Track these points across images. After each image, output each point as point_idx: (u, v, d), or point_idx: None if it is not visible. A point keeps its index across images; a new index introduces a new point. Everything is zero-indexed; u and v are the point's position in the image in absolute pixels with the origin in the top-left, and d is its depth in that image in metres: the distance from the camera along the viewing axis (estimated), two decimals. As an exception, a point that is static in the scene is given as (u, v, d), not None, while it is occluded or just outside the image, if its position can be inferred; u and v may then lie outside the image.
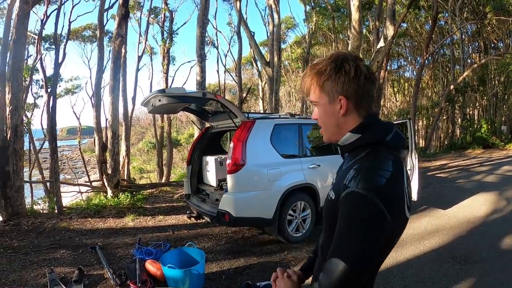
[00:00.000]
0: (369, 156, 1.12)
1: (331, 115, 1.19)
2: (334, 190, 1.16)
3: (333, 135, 1.23)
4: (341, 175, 1.17)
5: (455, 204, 6.91)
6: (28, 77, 13.92)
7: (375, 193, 0.99)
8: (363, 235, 0.99)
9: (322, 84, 1.16)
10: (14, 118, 6.77)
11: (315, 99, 1.20)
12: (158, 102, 4.30)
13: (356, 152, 1.17)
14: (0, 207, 6.71)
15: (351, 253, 0.99)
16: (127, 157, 15.42)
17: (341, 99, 1.14)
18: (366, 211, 0.99)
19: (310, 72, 1.19)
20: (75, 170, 27.26)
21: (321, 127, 1.25)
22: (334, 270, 1.00)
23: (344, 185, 1.06)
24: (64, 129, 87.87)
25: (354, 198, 1.01)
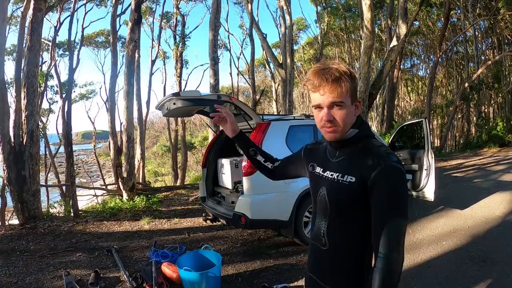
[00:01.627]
0: (372, 145, 1.38)
1: (352, 114, 1.37)
2: (347, 175, 1.36)
3: (344, 132, 1.38)
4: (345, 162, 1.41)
5: (472, 204, 6.80)
6: (43, 83, 14.10)
7: (400, 164, 1.29)
8: (406, 193, 1.29)
9: (352, 88, 1.34)
10: (30, 123, 6.87)
11: (343, 100, 1.32)
12: (173, 105, 4.31)
13: (352, 146, 1.41)
14: (17, 211, 6.82)
15: (405, 212, 1.25)
16: (142, 160, 15.54)
17: (360, 101, 1.41)
18: (404, 178, 1.28)
19: (340, 75, 1.31)
20: (90, 173, 27.60)
21: (339, 125, 1.35)
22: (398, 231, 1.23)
23: (372, 165, 1.28)
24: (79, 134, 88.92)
25: (392, 170, 1.26)
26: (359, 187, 1.30)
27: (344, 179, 1.36)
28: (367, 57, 12.35)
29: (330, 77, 1.30)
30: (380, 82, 13.70)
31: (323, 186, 1.47)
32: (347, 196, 1.35)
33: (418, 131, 6.55)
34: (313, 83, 1.33)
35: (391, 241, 1.21)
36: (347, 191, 1.34)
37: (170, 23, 22.89)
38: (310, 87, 1.36)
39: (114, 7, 12.73)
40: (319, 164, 1.56)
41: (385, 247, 1.21)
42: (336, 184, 1.39)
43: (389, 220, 1.22)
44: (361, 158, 1.34)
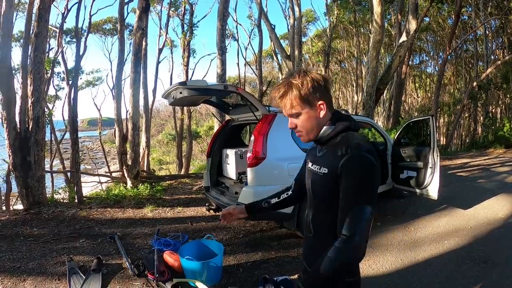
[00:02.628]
0: (347, 137, 1.47)
1: (314, 118, 1.50)
2: (324, 166, 1.49)
3: (313, 134, 1.53)
4: (325, 155, 1.53)
5: (475, 204, 6.76)
6: (49, 69, 14.13)
7: (368, 153, 1.36)
8: (371, 181, 1.35)
9: (304, 97, 1.46)
10: (36, 109, 6.90)
11: (298, 111, 1.49)
12: (179, 94, 4.30)
13: (331, 141, 1.52)
14: (22, 196, 6.88)
15: (369, 198, 1.33)
16: (147, 148, 15.57)
17: (321, 104, 1.49)
18: (369, 165, 1.34)
19: (286, 91, 1.48)
20: (95, 160, 27.68)
21: (302, 131, 1.54)
22: (360, 215, 1.30)
23: (340, 155, 1.39)
24: (85, 120, 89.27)
25: (357, 158, 1.35)
26: (331, 177, 1.42)
27: (320, 170, 1.51)
28: (376, 51, 12.30)
29: (278, 95, 1.49)
30: (388, 77, 13.65)
31: (309, 178, 1.63)
32: (322, 186, 1.51)
33: (424, 128, 6.49)
34: (273, 102, 1.55)
35: (353, 224, 1.30)
36: (322, 181, 1.50)
37: (178, 11, 22.76)
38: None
39: (123, -6, 12.69)
40: (311, 159, 1.67)
41: (347, 230, 1.31)
42: (315, 175, 1.55)
43: (353, 205, 1.32)
44: (334, 151, 1.45)
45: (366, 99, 12.59)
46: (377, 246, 4.81)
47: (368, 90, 12.58)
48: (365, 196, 1.33)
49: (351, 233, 1.29)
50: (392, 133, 11.87)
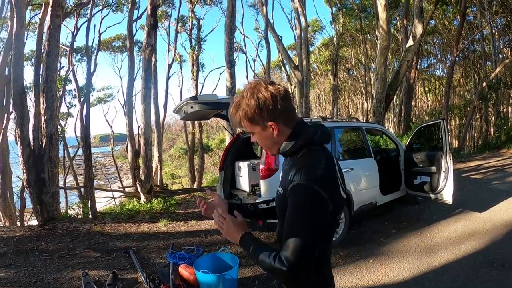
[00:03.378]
0: (305, 155, 1.41)
1: (268, 138, 1.46)
2: (281, 186, 1.47)
3: (274, 149, 1.51)
4: (285, 173, 1.47)
5: (491, 207, 6.68)
6: (61, 87, 14.38)
7: (315, 183, 1.26)
8: (311, 216, 1.26)
9: (251, 118, 1.41)
10: (49, 127, 7.00)
11: (250, 130, 1.47)
12: (191, 109, 4.35)
13: (296, 153, 1.45)
14: (36, 212, 6.95)
15: (302, 232, 1.24)
16: (159, 163, 15.69)
17: (271, 125, 1.41)
18: (310, 198, 1.25)
19: (236, 112, 1.44)
20: (108, 176, 27.88)
21: (263, 147, 1.54)
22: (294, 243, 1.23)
23: (289, 180, 1.33)
24: (96, 137, 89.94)
25: (300, 189, 1.28)
26: (284, 197, 1.36)
27: (279, 189, 1.50)
28: (384, 57, 12.28)
29: (230, 114, 1.48)
30: (397, 83, 13.61)
31: None
32: (281, 204, 1.46)
33: (436, 132, 6.46)
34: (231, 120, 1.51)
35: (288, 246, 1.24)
36: (280, 200, 1.47)
37: (185, 26, 23.06)
38: None
39: (130, 12, 12.91)
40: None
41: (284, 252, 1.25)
42: (278, 192, 1.53)
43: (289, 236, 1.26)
44: (290, 170, 1.41)
45: (376, 105, 12.54)
46: (393, 253, 4.78)
47: (377, 96, 12.54)
48: (301, 232, 1.25)
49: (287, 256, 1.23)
50: (403, 139, 11.81)
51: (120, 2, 18.40)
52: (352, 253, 4.86)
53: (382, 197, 6.21)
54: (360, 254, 4.79)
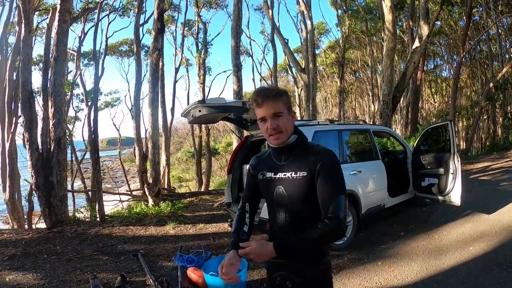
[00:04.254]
0: (311, 145, 1.81)
1: (290, 122, 1.75)
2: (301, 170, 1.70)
3: (287, 136, 1.73)
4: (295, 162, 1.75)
5: (500, 209, 6.61)
6: (69, 91, 14.50)
7: (336, 158, 1.72)
8: (342, 177, 1.68)
9: (286, 101, 1.73)
10: (57, 131, 7.06)
11: (281, 110, 1.69)
12: (198, 112, 4.37)
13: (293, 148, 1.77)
14: (44, 215, 7.01)
15: (344, 189, 1.65)
16: (167, 166, 15.75)
17: (293, 112, 1.80)
18: (339, 166, 1.69)
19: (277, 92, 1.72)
20: (115, 179, 28.06)
21: (282, 131, 1.71)
22: (341, 201, 1.60)
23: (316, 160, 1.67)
24: (104, 140, 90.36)
25: (332, 161, 1.68)
26: (310, 178, 1.67)
27: (298, 175, 1.71)
28: (390, 59, 12.25)
29: (271, 94, 1.69)
30: (403, 85, 13.56)
31: (279, 186, 1.78)
32: (302, 187, 1.70)
33: (443, 134, 6.44)
34: (257, 101, 1.70)
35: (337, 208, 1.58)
36: (302, 183, 1.70)
37: (192, 30, 23.18)
38: (255, 104, 1.72)
39: (137, 17, 13.03)
40: (268, 170, 1.86)
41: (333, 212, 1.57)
42: (292, 180, 1.73)
43: (334, 194, 1.61)
44: (307, 157, 1.71)
45: (383, 108, 12.50)
46: (401, 255, 4.76)
47: (384, 98, 12.50)
48: (341, 187, 1.65)
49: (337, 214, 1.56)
50: (411, 141, 11.75)
51: (126, 7, 18.54)
52: (361, 256, 4.84)
53: (390, 200, 6.19)
54: (368, 257, 4.78)
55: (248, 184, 2.06)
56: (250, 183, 2.03)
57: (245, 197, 2.05)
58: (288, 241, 1.64)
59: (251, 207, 2.02)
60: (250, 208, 2.02)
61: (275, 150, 1.83)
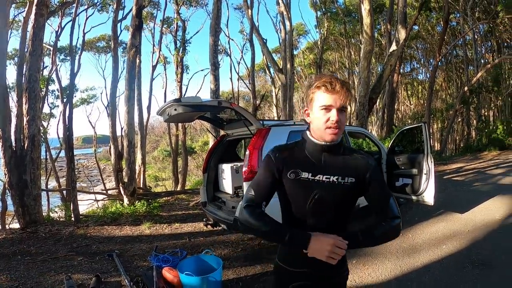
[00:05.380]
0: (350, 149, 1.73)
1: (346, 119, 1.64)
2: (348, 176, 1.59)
3: (341, 136, 1.62)
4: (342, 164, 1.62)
5: (472, 208, 6.81)
6: (44, 87, 14.17)
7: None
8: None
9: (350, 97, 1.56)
10: (31, 128, 6.92)
11: (347, 106, 1.56)
12: (174, 111, 4.34)
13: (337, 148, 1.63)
14: (18, 215, 6.86)
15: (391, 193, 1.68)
16: (143, 165, 15.56)
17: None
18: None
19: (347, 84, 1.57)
20: (90, 178, 27.65)
21: (340, 128, 1.55)
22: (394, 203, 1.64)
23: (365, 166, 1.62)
24: (79, 138, 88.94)
25: (378, 168, 1.67)
26: (358, 184, 1.61)
27: (345, 180, 1.59)
28: (367, 61, 12.42)
29: (346, 86, 1.53)
30: (380, 87, 13.76)
31: (317, 189, 1.58)
32: (348, 193, 1.62)
33: (418, 135, 6.56)
34: (332, 86, 1.50)
35: (395, 208, 1.63)
36: (348, 189, 1.60)
37: (171, 28, 23.00)
38: (326, 88, 1.51)
39: (115, 12, 12.85)
40: (304, 169, 1.60)
41: (394, 212, 1.61)
42: (337, 186, 1.58)
43: (389, 197, 1.63)
44: (352, 162, 1.63)
45: (359, 109, 12.66)
46: (375, 254, 4.83)
47: (360, 100, 12.67)
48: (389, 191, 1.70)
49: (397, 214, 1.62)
50: (386, 142, 11.94)
51: (105, 2, 18.26)
52: (335, 255, 4.88)
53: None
54: (343, 256, 4.82)
55: (265, 178, 1.66)
56: (270, 179, 1.64)
57: (261, 194, 1.65)
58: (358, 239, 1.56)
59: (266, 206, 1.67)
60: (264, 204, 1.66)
61: (318, 147, 1.60)
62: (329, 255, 1.43)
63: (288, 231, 1.52)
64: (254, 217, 1.57)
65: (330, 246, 1.43)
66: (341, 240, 1.46)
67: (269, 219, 1.56)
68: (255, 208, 1.62)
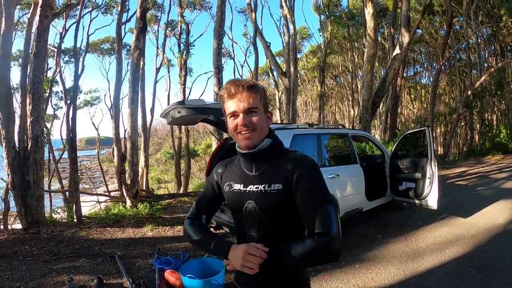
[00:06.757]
0: (286, 151, 1.55)
1: (265, 121, 1.49)
2: (275, 183, 1.45)
3: (259, 138, 1.48)
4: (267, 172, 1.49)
5: (475, 212, 6.79)
6: (48, 89, 14.21)
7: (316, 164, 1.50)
8: (325, 185, 1.43)
9: (263, 98, 1.49)
10: (35, 129, 6.93)
11: (257, 106, 1.45)
12: (178, 113, 4.34)
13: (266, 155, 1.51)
14: (20, 216, 6.87)
15: (329, 198, 1.40)
16: (146, 167, 15.58)
17: (269, 114, 1.55)
18: (320, 172, 1.46)
19: (254, 84, 1.48)
20: (93, 179, 27.64)
21: (256, 129, 1.46)
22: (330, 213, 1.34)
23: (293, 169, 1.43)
24: (82, 140, 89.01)
25: (312, 167, 1.45)
26: (286, 191, 1.42)
27: (272, 188, 1.45)
28: (370, 65, 12.41)
29: (246, 85, 1.44)
30: (383, 90, 13.76)
31: (250, 200, 1.50)
32: (277, 202, 1.45)
33: (421, 139, 6.55)
34: (229, 91, 1.44)
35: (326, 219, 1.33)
36: (276, 198, 1.44)
37: (174, 31, 23.02)
38: (226, 95, 1.45)
39: (120, 15, 12.88)
40: (237, 181, 1.57)
41: (322, 226, 1.32)
42: (265, 194, 1.46)
43: (319, 205, 1.35)
44: (281, 166, 1.47)
45: (363, 113, 12.65)
46: (378, 258, 4.82)
47: (364, 104, 12.66)
48: (327, 195, 1.41)
49: (328, 228, 1.30)
50: (389, 146, 11.92)
51: (109, 5, 18.35)
52: (338, 259, 4.87)
53: (368, 203, 6.26)
54: (345, 260, 4.80)
55: (207, 193, 1.75)
56: (211, 193, 1.71)
57: (201, 208, 1.73)
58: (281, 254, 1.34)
59: (207, 219, 1.72)
60: (206, 220, 1.71)
61: (245, 157, 1.54)
62: (242, 263, 1.32)
63: (213, 240, 1.54)
64: (189, 228, 1.66)
65: (242, 253, 1.34)
66: (258, 247, 1.34)
67: (201, 229, 1.64)
68: (194, 220, 1.70)
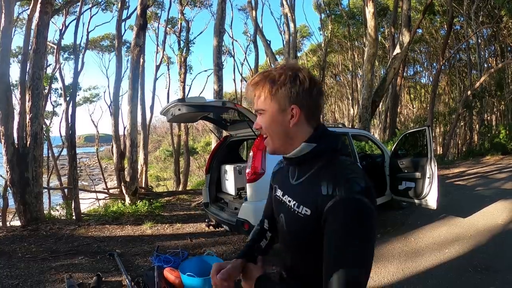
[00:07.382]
0: (334, 164, 1.12)
1: (280, 124, 1.15)
2: (305, 205, 1.11)
3: (282, 145, 1.19)
4: (304, 187, 1.16)
5: (475, 212, 6.78)
6: (47, 85, 14.21)
7: (364, 195, 0.99)
8: (366, 235, 0.98)
9: (275, 92, 1.12)
10: (34, 125, 6.91)
11: (263, 107, 1.16)
12: (178, 111, 4.33)
13: (309, 163, 1.16)
14: (19, 212, 6.85)
15: (359, 256, 0.96)
16: (145, 165, 15.59)
17: (293, 108, 1.12)
18: (363, 213, 0.98)
19: (260, 79, 1.16)
20: (92, 177, 27.63)
21: (267, 136, 1.20)
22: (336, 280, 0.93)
23: (326, 195, 1.03)
24: (81, 137, 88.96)
25: (349, 204, 0.99)
26: (315, 220, 1.06)
27: (299, 210, 1.13)
28: (371, 64, 12.41)
29: (252, 82, 1.19)
30: (383, 90, 13.75)
31: (282, 213, 1.25)
32: (303, 230, 1.12)
33: (421, 139, 6.54)
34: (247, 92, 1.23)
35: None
36: (302, 224, 1.12)
37: (174, 28, 23.02)
38: None
39: (120, 12, 12.85)
40: (280, 186, 1.34)
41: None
42: (293, 214, 1.16)
43: (338, 268, 0.95)
44: (318, 184, 1.08)
45: (362, 112, 12.66)
46: (378, 257, 4.81)
47: (363, 103, 12.66)
48: (353, 257, 0.96)
49: None
50: (389, 145, 11.92)
51: (109, 1, 18.30)
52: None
53: None
54: (345, 259, 4.80)
55: (269, 195, 1.51)
56: (270, 194, 1.48)
57: (265, 212, 1.54)
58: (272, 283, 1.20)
59: (270, 224, 1.48)
60: (270, 225, 1.48)
61: (285, 160, 1.26)
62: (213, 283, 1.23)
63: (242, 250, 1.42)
64: (253, 231, 1.53)
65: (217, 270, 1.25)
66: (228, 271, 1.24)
67: (252, 234, 1.51)
68: (259, 223, 1.55)
